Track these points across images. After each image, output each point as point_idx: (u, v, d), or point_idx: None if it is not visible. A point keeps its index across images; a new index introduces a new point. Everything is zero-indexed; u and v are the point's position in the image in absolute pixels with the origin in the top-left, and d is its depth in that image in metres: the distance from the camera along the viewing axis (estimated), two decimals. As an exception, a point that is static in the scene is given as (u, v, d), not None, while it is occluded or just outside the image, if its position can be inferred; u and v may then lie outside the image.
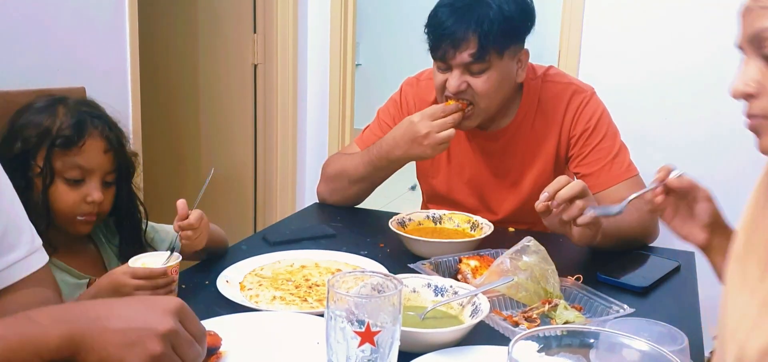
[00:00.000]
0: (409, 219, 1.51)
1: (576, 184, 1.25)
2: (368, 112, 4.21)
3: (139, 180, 1.40)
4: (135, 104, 2.19)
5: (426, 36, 1.55)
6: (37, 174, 1.19)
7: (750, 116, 0.84)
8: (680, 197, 1.16)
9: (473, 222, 1.49)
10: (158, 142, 3.10)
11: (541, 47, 4.36)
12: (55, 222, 1.21)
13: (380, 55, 6.55)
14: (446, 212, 1.55)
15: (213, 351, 0.90)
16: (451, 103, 1.53)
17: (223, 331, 0.97)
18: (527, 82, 1.65)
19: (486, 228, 1.45)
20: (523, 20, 1.54)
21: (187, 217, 1.21)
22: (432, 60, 1.58)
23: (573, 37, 2.64)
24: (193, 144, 3.35)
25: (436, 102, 1.72)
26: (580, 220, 1.24)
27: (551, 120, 1.64)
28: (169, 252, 1.15)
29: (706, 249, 1.14)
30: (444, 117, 1.51)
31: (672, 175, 1.15)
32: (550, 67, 1.72)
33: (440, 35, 1.49)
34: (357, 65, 3.42)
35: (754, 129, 0.85)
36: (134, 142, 1.38)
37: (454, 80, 1.51)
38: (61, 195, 1.20)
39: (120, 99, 2.13)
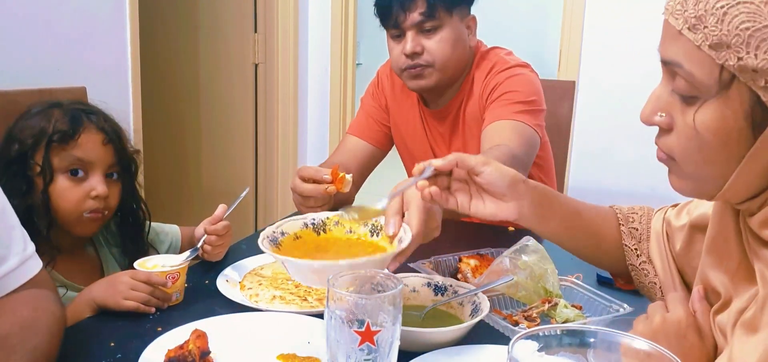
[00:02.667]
0: (282, 234, 0.99)
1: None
2: (369, 112, 4.13)
3: (140, 178, 1.39)
4: (136, 103, 2.19)
5: (375, 14, 1.61)
6: (37, 173, 1.18)
7: (659, 147, 0.76)
8: (460, 180, 0.96)
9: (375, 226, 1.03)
10: (159, 141, 3.10)
11: (542, 48, 4.40)
12: (61, 223, 1.20)
13: (381, 55, 6.53)
14: (332, 214, 1.03)
15: (206, 353, 0.89)
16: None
17: (223, 330, 0.98)
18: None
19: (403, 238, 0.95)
20: None
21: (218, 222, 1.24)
22: (387, 32, 1.63)
23: (574, 37, 2.64)
24: (194, 143, 3.35)
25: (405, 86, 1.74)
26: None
27: (478, 97, 1.65)
28: (189, 253, 1.16)
29: (523, 219, 0.96)
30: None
31: (425, 173, 0.93)
32: (495, 47, 1.72)
33: (389, 2, 1.56)
34: (357, 64, 3.42)
35: (662, 161, 0.77)
36: (135, 141, 1.37)
37: (410, 43, 1.56)
38: (64, 192, 1.18)
39: (121, 98, 2.13)
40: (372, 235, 1.01)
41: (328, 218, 1.02)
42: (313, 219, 1.02)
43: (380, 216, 0.96)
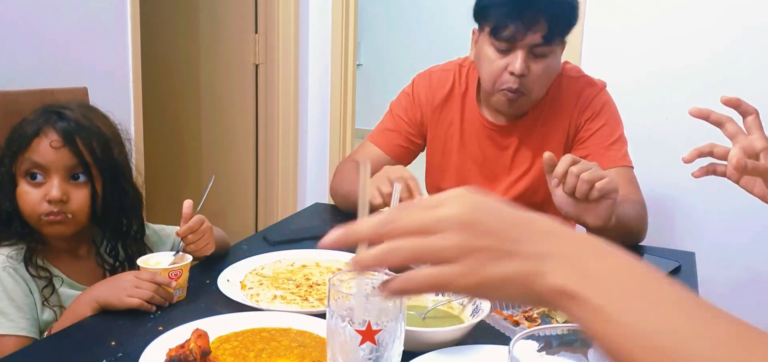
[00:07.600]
0: None
1: (584, 162, 1.28)
2: (369, 112, 4.19)
3: (139, 179, 1.37)
4: (136, 104, 2.20)
5: (482, 18, 1.52)
6: (6, 178, 1.19)
7: None
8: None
9: None
10: (160, 142, 3.10)
11: (542, 47, 4.32)
12: (29, 225, 1.20)
13: (381, 55, 6.55)
14: None
15: (206, 353, 0.89)
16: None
17: (224, 330, 0.98)
18: None
19: None
20: (577, 10, 1.55)
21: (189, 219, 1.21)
22: (491, 41, 1.51)
23: (574, 36, 2.63)
24: (195, 144, 3.35)
25: (449, 97, 1.69)
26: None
27: (562, 113, 1.64)
28: (173, 254, 1.16)
29: None
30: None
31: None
32: (566, 62, 1.70)
33: (509, 14, 1.46)
34: (358, 65, 3.42)
35: None
36: (135, 142, 1.35)
37: (521, 63, 1.48)
38: (23, 195, 1.18)
39: (122, 99, 2.13)
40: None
41: None
42: None
43: None
